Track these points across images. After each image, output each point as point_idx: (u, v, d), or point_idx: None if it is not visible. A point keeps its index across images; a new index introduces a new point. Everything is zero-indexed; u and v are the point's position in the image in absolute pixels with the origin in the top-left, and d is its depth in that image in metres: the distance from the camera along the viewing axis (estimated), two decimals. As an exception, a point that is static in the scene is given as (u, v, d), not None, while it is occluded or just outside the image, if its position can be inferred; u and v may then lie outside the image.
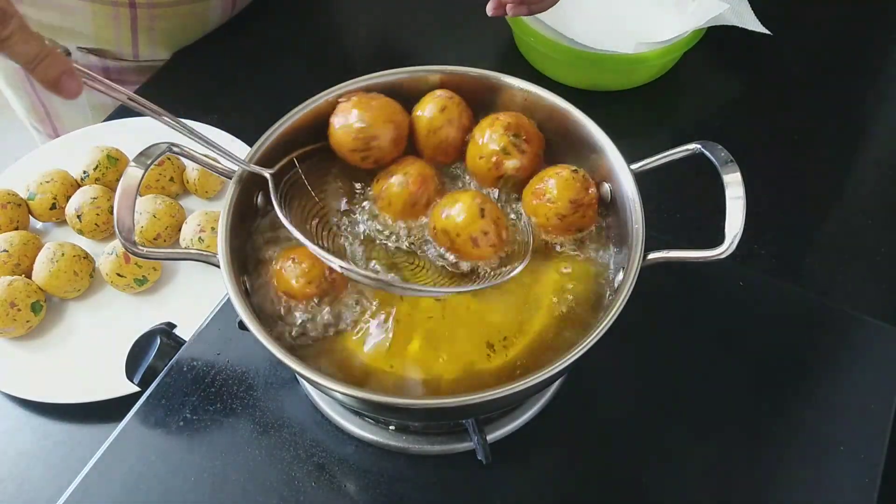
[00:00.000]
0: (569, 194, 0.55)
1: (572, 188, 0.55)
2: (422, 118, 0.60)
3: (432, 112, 0.59)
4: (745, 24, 0.86)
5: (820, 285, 0.73)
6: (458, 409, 0.50)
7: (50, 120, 1.02)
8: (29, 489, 0.64)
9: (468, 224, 0.54)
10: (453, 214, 0.54)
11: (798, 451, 0.60)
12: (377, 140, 0.58)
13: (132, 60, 0.97)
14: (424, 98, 0.60)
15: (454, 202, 0.55)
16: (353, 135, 0.57)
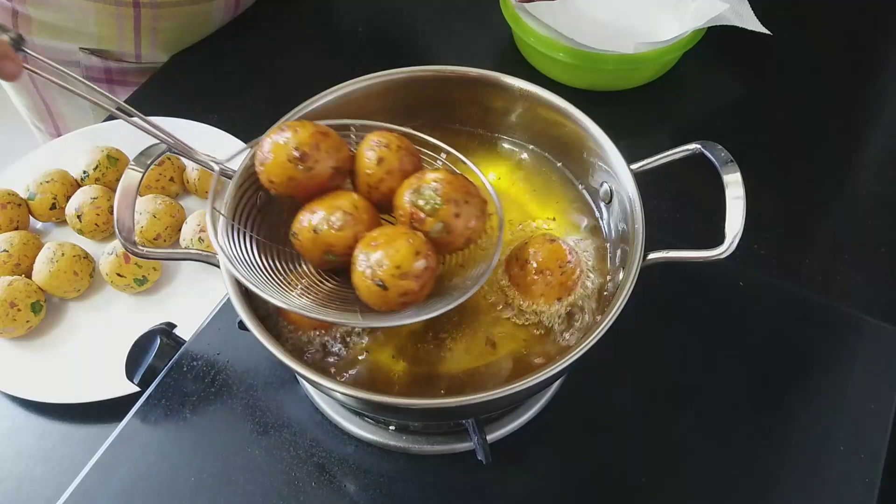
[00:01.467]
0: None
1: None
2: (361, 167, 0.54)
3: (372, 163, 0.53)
4: (745, 24, 0.86)
5: (820, 285, 0.73)
6: (458, 409, 0.50)
7: (52, 119, 1.02)
8: (29, 489, 0.64)
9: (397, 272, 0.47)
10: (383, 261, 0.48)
11: (798, 451, 0.60)
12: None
13: (134, 62, 0.97)
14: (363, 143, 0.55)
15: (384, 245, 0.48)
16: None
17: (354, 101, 0.62)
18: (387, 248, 0.47)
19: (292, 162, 0.50)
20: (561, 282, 0.54)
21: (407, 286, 0.47)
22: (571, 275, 0.54)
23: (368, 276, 0.47)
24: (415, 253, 0.47)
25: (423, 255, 0.47)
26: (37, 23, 0.91)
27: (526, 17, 0.87)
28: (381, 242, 0.48)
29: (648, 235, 0.52)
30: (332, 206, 0.50)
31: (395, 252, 0.47)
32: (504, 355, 0.54)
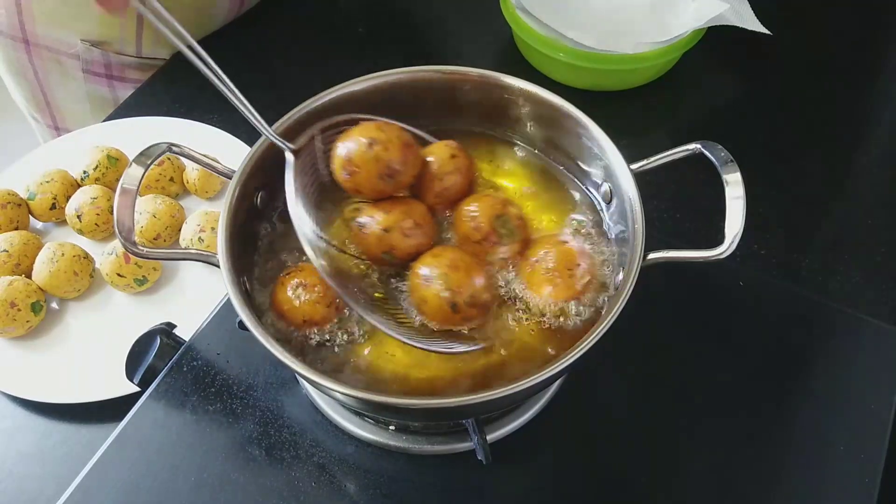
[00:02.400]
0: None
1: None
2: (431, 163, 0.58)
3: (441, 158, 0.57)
4: (745, 24, 0.86)
5: (820, 285, 0.73)
6: (458, 409, 0.50)
7: (49, 110, 1.02)
8: (29, 489, 0.64)
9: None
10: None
11: (798, 451, 0.60)
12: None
13: (134, 56, 0.97)
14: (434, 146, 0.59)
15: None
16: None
17: (355, 101, 0.62)
18: (468, 276, 0.52)
19: (383, 179, 0.54)
20: (569, 284, 0.54)
21: (472, 313, 0.52)
22: (582, 278, 0.55)
23: (443, 296, 0.51)
24: (487, 287, 0.52)
25: (491, 289, 0.53)
26: (39, 11, 0.91)
27: (526, 17, 0.87)
28: (462, 268, 0.52)
29: (648, 235, 0.52)
30: (405, 212, 0.55)
31: (474, 281, 0.52)
32: (509, 353, 0.54)
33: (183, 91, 0.94)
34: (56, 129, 1.04)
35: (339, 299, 0.54)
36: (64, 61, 0.94)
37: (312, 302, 0.54)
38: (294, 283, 0.54)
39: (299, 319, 0.54)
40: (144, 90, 0.95)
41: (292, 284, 0.54)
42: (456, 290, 0.51)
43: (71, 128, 1.02)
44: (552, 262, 0.54)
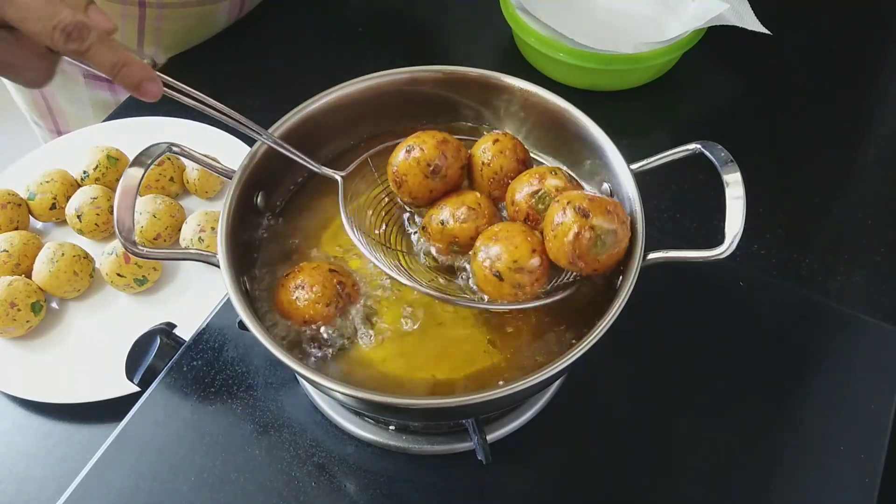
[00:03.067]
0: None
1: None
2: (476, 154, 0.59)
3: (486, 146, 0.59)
4: (745, 24, 0.86)
5: (820, 285, 0.73)
6: (458, 409, 0.50)
7: (51, 115, 1.02)
8: (29, 489, 0.64)
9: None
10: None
11: (798, 451, 0.60)
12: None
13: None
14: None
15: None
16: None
17: (355, 101, 0.62)
18: (506, 244, 0.52)
19: (429, 178, 0.57)
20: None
21: (521, 279, 0.51)
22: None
23: (487, 267, 0.52)
24: (531, 251, 0.51)
25: (538, 252, 0.51)
26: None
27: (526, 17, 0.87)
28: (502, 238, 0.52)
29: (648, 235, 0.52)
30: (457, 202, 0.56)
31: (513, 248, 0.51)
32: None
33: (183, 91, 0.94)
34: (58, 133, 1.04)
35: (340, 299, 0.55)
36: (65, 67, 0.94)
37: (312, 302, 0.54)
38: (294, 283, 0.54)
39: (300, 319, 0.54)
40: (144, 90, 0.94)
41: (292, 285, 0.54)
42: (495, 259, 0.51)
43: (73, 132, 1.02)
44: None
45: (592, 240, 0.50)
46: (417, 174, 0.57)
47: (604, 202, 0.51)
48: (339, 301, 0.55)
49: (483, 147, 0.58)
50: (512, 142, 0.58)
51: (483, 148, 0.58)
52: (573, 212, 0.50)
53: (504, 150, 0.57)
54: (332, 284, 0.54)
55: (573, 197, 0.51)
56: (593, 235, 0.50)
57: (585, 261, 0.51)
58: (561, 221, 0.50)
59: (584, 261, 0.51)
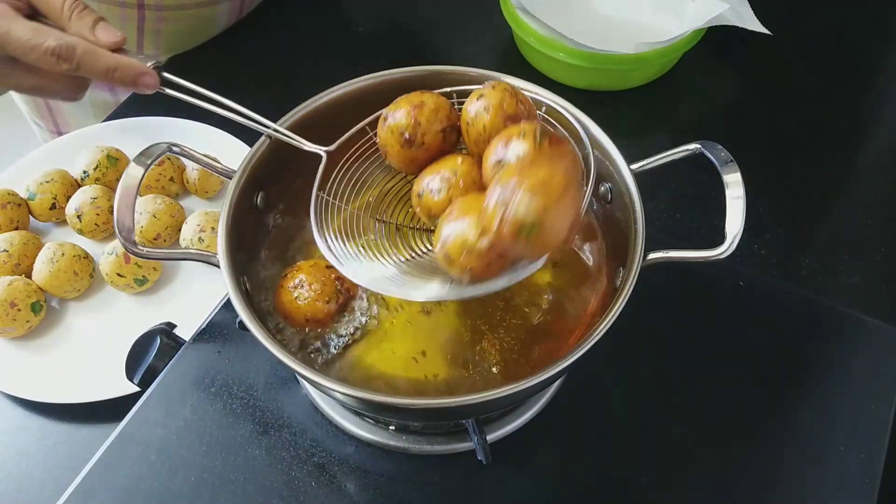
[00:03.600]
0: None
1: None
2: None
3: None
4: (745, 24, 0.86)
5: (820, 285, 0.73)
6: (458, 409, 0.50)
7: (52, 116, 1.02)
8: (29, 489, 0.64)
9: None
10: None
11: (798, 451, 0.60)
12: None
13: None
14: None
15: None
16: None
17: (355, 101, 0.62)
18: (457, 223, 0.46)
19: (405, 147, 0.52)
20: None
21: (468, 262, 0.46)
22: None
23: (439, 248, 0.47)
24: (479, 232, 0.45)
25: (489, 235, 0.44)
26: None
27: (526, 17, 0.87)
28: (455, 215, 0.47)
29: (648, 235, 0.52)
30: (434, 171, 0.51)
31: (462, 227, 0.46)
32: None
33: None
34: (59, 134, 1.04)
35: (340, 294, 0.55)
36: None
37: (312, 300, 0.54)
38: (293, 283, 0.54)
39: (302, 318, 0.54)
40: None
41: (291, 285, 0.54)
42: (446, 239, 0.46)
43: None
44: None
45: (516, 231, 0.43)
46: (395, 144, 0.52)
47: (528, 176, 0.43)
48: (338, 297, 0.55)
49: (469, 104, 0.52)
50: (499, 96, 0.51)
51: (469, 105, 0.52)
52: (493, 198, 0.43)
53: (488, 107, 0.51)
54: (330, 281, 0.54)
55: (505, 172, 0.44)
56: (515, 227, 0.43)
57: (526, 250, 0.44)
58: (491, 204, 0.44)
59: (525, 246, 0.44)
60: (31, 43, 0.51)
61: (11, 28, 0.51)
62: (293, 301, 0.54)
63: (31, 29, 0.52)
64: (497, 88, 0.52)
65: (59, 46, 0.51)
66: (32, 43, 0.51)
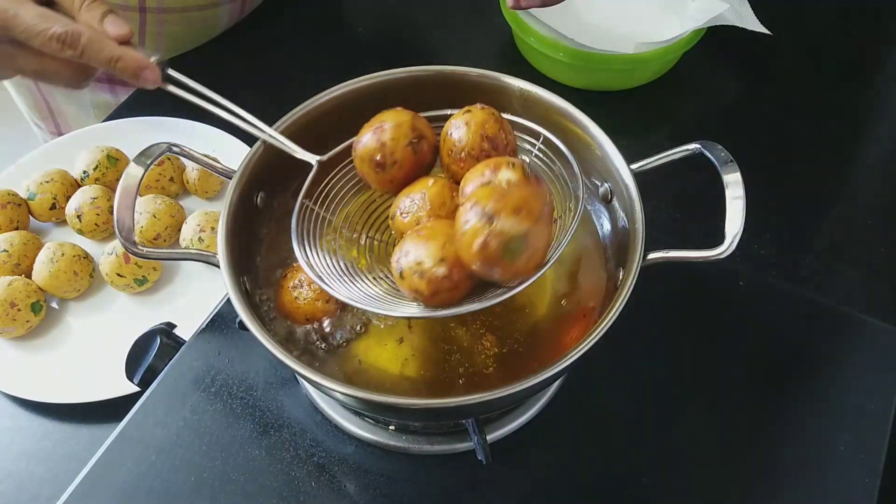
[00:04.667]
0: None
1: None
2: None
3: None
4: (745, 24, 0.86)
5: (820, 285, 0.73)
6: (458, 409, 0.50)
7: (52, 117, 1.02)
8: (29, 489, 0.64)
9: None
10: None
11: (798, 451, 0.60)
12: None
13: None
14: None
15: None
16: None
17: (355, 101, 0.62)
18: (418, 243, 0.46)
19: (377, 171, 0.51)
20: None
21: (418, 285, 0.46)
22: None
23: (394, 261, 0.47)
24: (440, 258, 0.45)
25: (448, 262, 0.45)
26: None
27: (526, 17, 0.87)
28: (422, 235, 0.46)
29: (648, 235, 0.52)
30: (407, 192, 0.51)
31: (425, 249, 0.46)
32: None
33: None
34: (59, 136, 1.04)
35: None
36: None
37: (313, 299, 0.54)
38: (292, 283, 0.54)
39: (302, 318, 0.54)
40: (144, 90, 0.94)
41: (291, 285, 0.54)
42: (402, 256, 0.46)
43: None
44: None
45: (500, 248, 0.43)
46: (370, 171, 0.52)
47: (513, 197, 0.43)
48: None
49: (454, 118, 0.52)
50: (483, 116, 0.51)
51: (454, 118, 0.52)
52: (477, 214, 0.43)
53: (469, 123, 0.51)
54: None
55: (480, 194, 0.44)
56: (500, 243, 0.43)
57: (502, 270, 0.44)
58: (466, 228, 0.44)
59: (501, 270, 0.44)
60: (38, 27, 0.52)
61: (20, 12, 0.52)
62: (293, 301, 0.54)
63: (38, 14, 0.53)
64: (485, 110, 0.52)
65: (64, 33, 0.52)
66: (39, 28, 0.52)
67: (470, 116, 0.51)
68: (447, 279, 0.45)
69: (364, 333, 0.55)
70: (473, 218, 0.43)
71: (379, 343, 0.55)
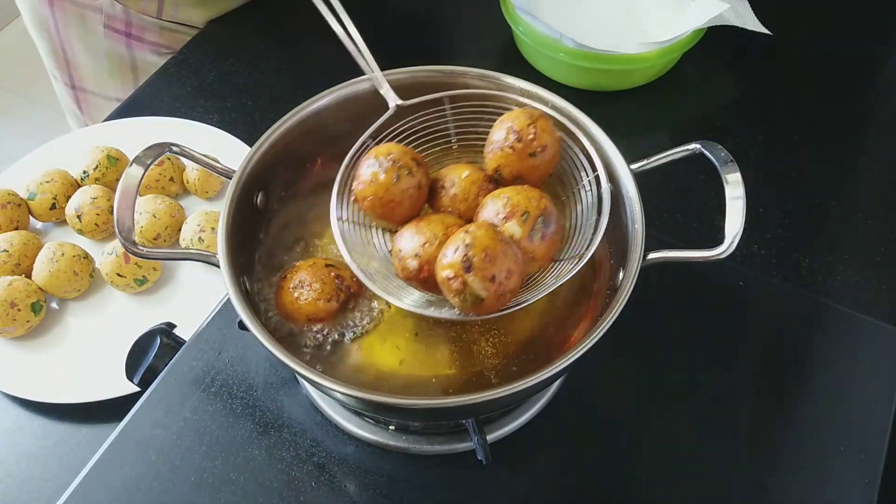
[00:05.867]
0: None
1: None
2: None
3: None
4: (745, 24, 0.86)
5: (820, 285, 0.73)
6: (458, 409, 0.50)
7: (68, 68, 1.03)
8: (29, 489, 0.64)
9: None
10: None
11: (798, 451, 0.60)
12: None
13: (155, 17, 0.97)
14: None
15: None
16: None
17: (355, 101, 0.62)
18: (410, 233, 0.51)
19: (385, 217, 0.54)
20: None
21: (398, 268, 0.51)
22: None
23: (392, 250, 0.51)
24: (415, 255, 0.50)
25: (420, 260, 0.49)
26: None
27: (526, 17, 0.87)
28: (416, 229, 0.51)
29: (648, 235, 0.52)
30: (447, 173, 0.55)
31: (407, 239, 0.51)
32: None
33: (183, 91, 0.94)
34: (73, 87, 1.05)
35: (341, 292, 0.55)
36: (86, 15, 0.96)
37: (313, 300, 0.54)
38: (292, 283, 0.54)
39: (304, 318, 0.54)
40: (144, 90, 0.95)
41: (291, 285, 0.54)
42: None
43: (87, 88, 1.03)
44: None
45: (460, 292, 0.47)
46: (377, 214, 0.54)
47: (500, 262, 0.47)
48: (339, 294, 0.55)
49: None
50: (516, 114, 0.54)
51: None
52: (460, 255, 0.46)
53: (505, 121, 0.54)
54: (330, 279, 0.54)
55: (478, 237, 0.47)
56: (463, 290, 0.47)
57: (459, 305, 0.48)
58: (444, 258, 0.47)
59: (458, 304, 0.48)
60: None
61: None
62: (294, 301, 0.54)
63: None
64: (524, 110, 0.54)
65: None
66: None
67: (508, 115, 0.55)
68: (417, 273, 0.50)
69: (364, 333, 0.55)
70: (455, 256, 0.47)
71: (379, 343, 0.55)
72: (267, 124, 0.59)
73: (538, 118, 0.54)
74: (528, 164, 0.53)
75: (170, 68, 0.97)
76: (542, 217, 0.50)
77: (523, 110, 0.55)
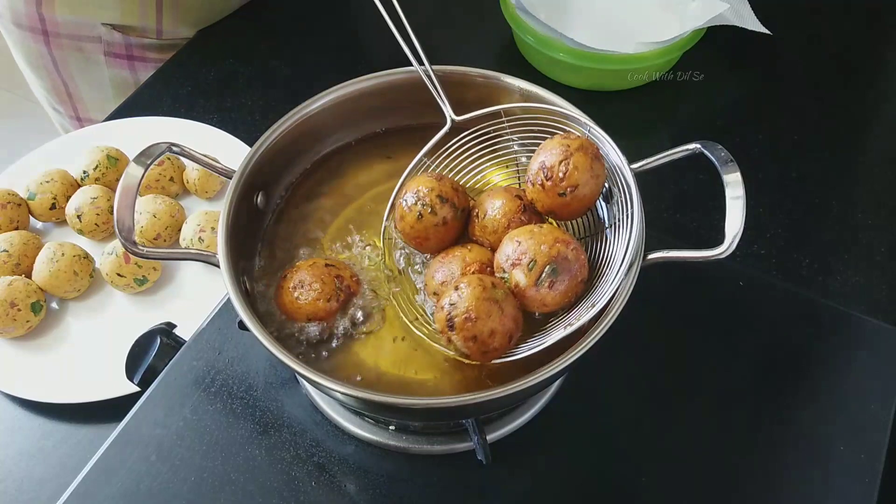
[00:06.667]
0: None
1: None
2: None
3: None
4: (745, 24, 0.86)
5: (820, 285, 0.73)
6: (458, 409, 0.50)
7: (71, 101, 1.03)
8: (29, 489, 0.64)
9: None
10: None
11: (798, 451, 0.60)
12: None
13: (155, 38, 0.97)
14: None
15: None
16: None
17: (355, 101, 0.62)
18: (438, 265, 0.55)
19: (420, 247, 0.57)
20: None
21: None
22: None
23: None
24: (432, 293, 0.54)
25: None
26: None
27: (526, 17, 0.87)
28: (441, 263, 0.54)
29: (648, 235, 0.52)
30: (488, 198, 0.56)
31: (437, 271, 0.54)
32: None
33: (183, 91, 0.94)
34: (78, 119, 1.05)
35: (340, 292, 0.55)
36: (85, 47, 0.96)
37: (313, 299, 0.54)
38: (292, 283, 0.54)
39: (304, 318, 0.54)
40: (144, 90, 0.95)
41: (291, 285, 0.54)
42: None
43: (93, 117, 1.03)
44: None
45: (450, 346, 0.50)
46: (412, 243, 0.57)
47: (490, 318, 0.48)
48: (339, 294, 0.55)
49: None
50: (554, 142, 0.54)
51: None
52: (451, 302, 0.48)
53: (544, 148, 0.54)
54: (330, 279, 0.54)
55: (472, 295, 0.48)
56: (451, 344, 0.49)
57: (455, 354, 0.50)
58: (440, 303, 0.50)
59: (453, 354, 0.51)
60: None
61: None
62: (294, 301, 0.54)
63: None
64: (567, 137, 0.54)
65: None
66: None
67: (548, 143, 0.54)
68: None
69: (364, 333, 0.55)
70: (442, 313, 0.49)
71: (380, 342, 0.55)
72: (267, 124, 0.59)
73: (574, 152, 0.52)
74: (559, 202, 0.53)
75: (169, 69, 0.97)
76: (553, 265, 0.50)
77: (562, 139, 0.54)
